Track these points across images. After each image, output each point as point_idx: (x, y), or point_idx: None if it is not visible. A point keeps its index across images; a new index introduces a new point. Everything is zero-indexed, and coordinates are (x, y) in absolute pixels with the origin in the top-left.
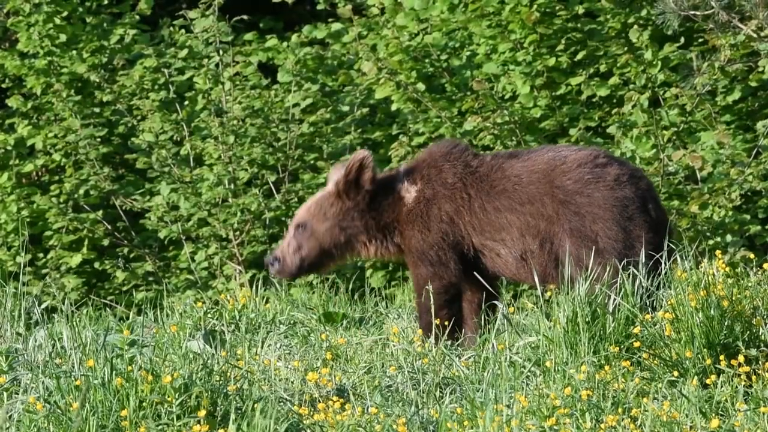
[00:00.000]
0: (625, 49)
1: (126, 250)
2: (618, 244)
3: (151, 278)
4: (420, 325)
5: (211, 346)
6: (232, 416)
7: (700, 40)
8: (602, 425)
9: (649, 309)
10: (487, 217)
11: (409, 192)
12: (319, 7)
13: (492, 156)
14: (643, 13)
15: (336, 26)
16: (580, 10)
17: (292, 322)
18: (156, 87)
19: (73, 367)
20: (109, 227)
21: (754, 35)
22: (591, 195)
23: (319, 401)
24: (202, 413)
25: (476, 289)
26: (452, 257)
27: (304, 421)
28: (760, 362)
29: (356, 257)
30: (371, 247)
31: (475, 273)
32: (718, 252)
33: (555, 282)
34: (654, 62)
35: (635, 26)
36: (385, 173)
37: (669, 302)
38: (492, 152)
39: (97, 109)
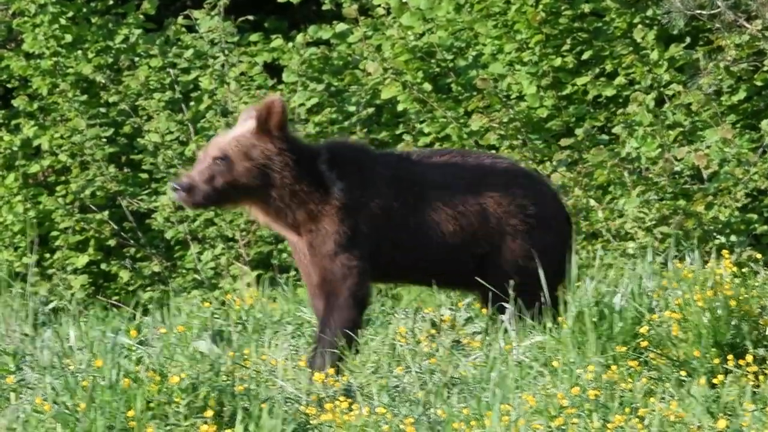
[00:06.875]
0: (630, 49)
1: (132, 250)
2: (558, 251)
3: (156, 278)
4: (326, 334)
5: (218, 347)
6: (239, 416)
7: (705, 39)
8: (610, 425)
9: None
10: (418, 224)
11: (336, 185)
12: (325, 7)
13: (400, 157)
14: (649, 12)
15: (341, 26)
16: (586, 8)
17: (299, 322)
18: (161, 86)
19: (81, 367)
20: (116, 227)
21: (759, 35)
22: (538, 203)
23: (327, 401)
24: (209, 413)
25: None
26: (367, 263)
27: (312, 422)
28: (767, 362)
29: (254, 207)
30: (273, 206)
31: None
32: (724, 252)
33: (480, 290)
34: (659, 62)
35: (640, 26)
36: (307, 141)
37: (676, 302)
38: (396, 151)
39: (102, 110)
